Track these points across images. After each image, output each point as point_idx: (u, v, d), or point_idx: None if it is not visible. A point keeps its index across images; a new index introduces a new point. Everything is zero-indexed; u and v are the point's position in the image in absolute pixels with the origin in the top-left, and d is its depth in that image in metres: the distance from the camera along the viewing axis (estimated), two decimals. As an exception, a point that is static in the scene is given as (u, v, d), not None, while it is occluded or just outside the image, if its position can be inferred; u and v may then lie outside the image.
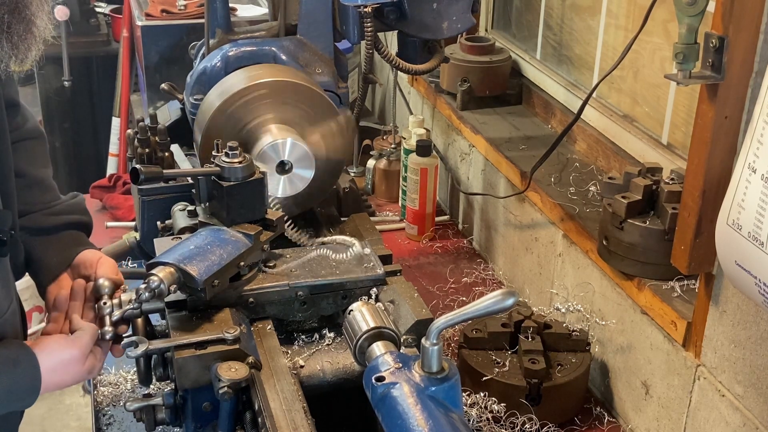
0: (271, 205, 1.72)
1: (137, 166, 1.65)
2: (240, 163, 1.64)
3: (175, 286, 1.49)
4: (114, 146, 4.58)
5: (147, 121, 2.10)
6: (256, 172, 1.66)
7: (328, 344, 1.64)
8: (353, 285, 1.65)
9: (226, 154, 1.64)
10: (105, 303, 1.55)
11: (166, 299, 1.53)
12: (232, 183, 1.63)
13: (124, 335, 1.55)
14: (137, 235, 2.12)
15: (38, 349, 1.44)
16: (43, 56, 1.39)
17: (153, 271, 1.48)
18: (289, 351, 1.61)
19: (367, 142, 2.99)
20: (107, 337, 1.52)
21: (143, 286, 1.46)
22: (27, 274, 1.67)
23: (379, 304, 1.52)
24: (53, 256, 1.64)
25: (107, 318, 1.54)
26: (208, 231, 1.62)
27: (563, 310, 1.99)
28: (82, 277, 1.63)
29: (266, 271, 1.65)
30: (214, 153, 1.67)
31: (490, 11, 2.97)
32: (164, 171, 1.68)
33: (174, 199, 1.91)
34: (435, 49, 2.06)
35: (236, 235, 1.61)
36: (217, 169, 1.64)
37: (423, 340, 1.16)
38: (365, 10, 1.87)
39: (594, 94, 2.13)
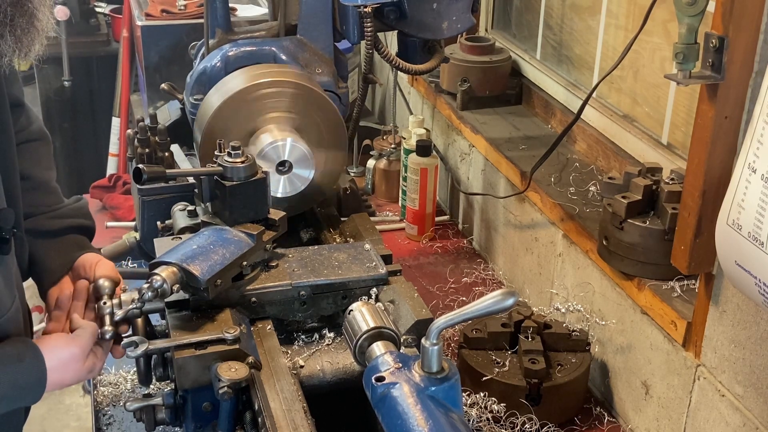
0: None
1: (140, 165, 1.65)
2: (242, 162, 1.64)
3: (177, 285, 1.49)
4: (114, 146, 4.58)
5: (147, 121, 2.10)
6: (258, 172, 1.66)
7: (328, 344, 1.64)
8: (355, 284, 1.65)
9: (229, 154, 1.64)
10: (105, 303, 1.55)
11: (169, 299, 1.53)
12: (234, 183, 1.64)
13: (124, 335, 1.55)
14: (137, 235, 2.12)
15: (40, 346, 1.44)
16: (45, 54, 1.39)
17: (156, 271, 1.48)
18: (289, 351, 1.61)
19: (367, 142, 2.99)
20: (107, 336, 1.52)
21: (146, 285, 1.46)
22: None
23: (379, 304, 1.52)
24: (55, 259, 1.64)
25: (107, 318, 1.54)
26: (210, 231, 1.62)
27: (563, 310, 1.99)
28: (82, 279, 1.63)
29: (268, 270, 1.65)
30: (216, 153, 1.67)
31: (490, 11, 2.97)
32: (167, 171, 1.68)
33: (174, 199, 1.91)
34: (435, 49, 2.06)
35: (239, 234, 1.61)
36: (220, 168, 1.64)
37: (423, 340, 1.16)
38: (365, 10, 1.87)
39: (594, 94, 2.13)
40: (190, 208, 1.83)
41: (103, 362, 1.54)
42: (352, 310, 1.38)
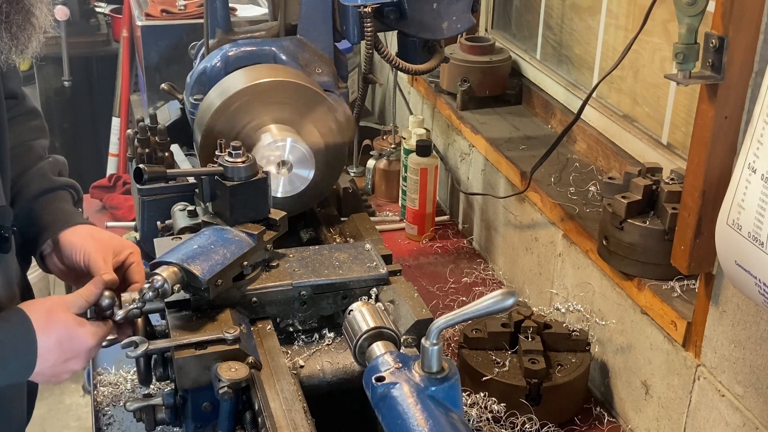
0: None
1: (141, 165, 1.65)
2: (243, 162, 1.64)
3: (178, 285, 1.49)
4: (114, 146, 4.58)
5: (147, 121, 2.10)
6: (259, 172, 1.66)
7: (328, 344, 1.64)
8: (356, 284, 1.65)
9: (230, 154, 1.64)
10: (106, 295, 1.54)
11: (169, 299, 1.53)
12: (235, 182, 1.64)
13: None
14: (137, 235, 2.11)
15: (23, 306, 1.40)
16: (43, 52, 1.38)
17: (156, 271, 1.48)
18: (289, 351, 1.61)
19: (367, 142, 2.99)
20: (117, 317, 1.52)
21: (147, 285, 1.45)
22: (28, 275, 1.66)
23: (379, 304, 1.52)
24: (47, 217, 1.60)
25: (107, 312, 1.54)
26: (211, 230, 1.62)
27: (563, 310, 1.99)
28: (71, 265, 1.58)
29: (269, 270, 1.65)
30: (217, 153, 1.67)
31: (490, 11, 2.97)
32: (168, 171, 1.68)
33: (174, 199, 1.91)
34: (435, 49, 2.06)
35: (240, 234, 1.62)
36: (221, 168, 1.64)
37: (423, 340, 1.16)
38: (365, 10, 1.87)
39: (594, 94, 2.13)
40: (190, 208, 1.83)
41: (100, 336, 1.47)
42: (352, 310, 1.38)
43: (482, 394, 1.80)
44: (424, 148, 2.55)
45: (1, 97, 1.47)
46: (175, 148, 2.18)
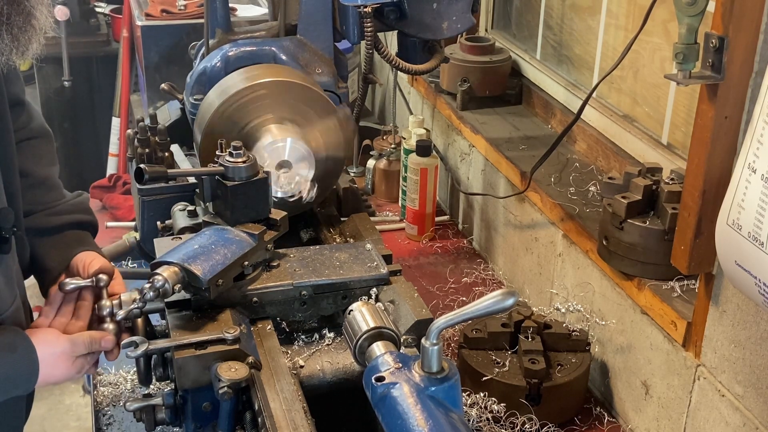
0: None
1: (142, 165, 1.65)
2: (244, 162, 1.64)
3: (179, 285, 1.49)
4: (114, 146, 4.58)
5: (147, 121, 2.10)
6: (259, 172, 1.66)
7: (328, 344, 1.64)
8: (356, 284, 1.65)
9: (230, 154, 1.64)
10: (105, 303, 1.55)
11: (169, 299, 1.53)
12: (236, 182, 1.64)
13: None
14: (137, 235, 2.11)
15: (32, 338, 1.44)
16: (43, 52, 1.38)
17: (157, 271, 1.48)
18: (289, 351, 1.61)
19: (367, 142, 2.99)
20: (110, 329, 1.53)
21: (148, 285, 1.46)
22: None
23: (379, 304, 1.52)
24: (54, 257, 1.64)
25: (108, 318, 1.54)
26: (212, 230, 1.62)
27: (563, 310, 1.99)
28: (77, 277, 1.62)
29: (270, 270, 1.65)
30: (217, 153, 1.67)
31: (490, 11, 2.97)
32: (168, 171, 1.68)
33: (174, 199, 1.91)
34: (435, 49, 2.06)
35: (240, 234, 1.61)
36: (221, 168, 1.64)
37: (423, 340, 1.16)
38: (365, 10, 1.87)
39: (594, 94, 2.13)
40: (190, 208, 1.83)
41: (92, 365, 1.54)
42: (352, 310, 1.38)
43: (482, 394, 1.80)
44: (424, 148, 2.55)
45: (5, 101, 1.48)
46: (175, 148, 2.18)
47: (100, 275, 1.58)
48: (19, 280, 1.57)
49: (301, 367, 1.58)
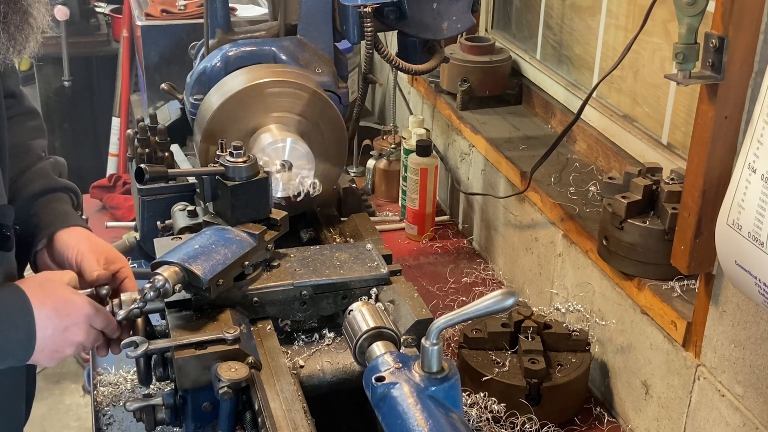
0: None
1: (142, 165, 1.65)
2: (244, 162, 1.64)
3: (179, 285, 1.49)
4: (114, 146, 4.58)
5: (147, 121, 2.10)
6: (260, 172, 1.67)
7: (328, 344, 1.64)
8: (357, 284, 1.65)
9: (231, 154, 1.64)
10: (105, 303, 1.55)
11: (170, 299, 1.53)
12: (236, 182, 1.64)
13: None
14: (137, 235, 2.12)
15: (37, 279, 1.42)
16: (41, 51, 1.38)
17: (158, 271, 1.48)
18: (289, 351, 1.61)
19: (367, 142, 2.99)
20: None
21: (148, 285, 1.45)
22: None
23: (379, 304, 1.52)
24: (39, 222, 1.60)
25: None
26: (212, 230, 1.62)
27: (563, 310, 1.99)
28: (62, 263, 1.59)
29: (270, 270, 1.65)
30: (218, 152, 1.67)
31: (490, 11, 2.97)
32: (169, 171, 1.68)
33: (174, 199, 1.91)
34: (435, 49, 2.06)
35: (241, 234, 1.61)
36: (222, 168, 1.64)
37: (423, 340, 1.16)
38: (365, 10, 1.87)
39: (594, 94, 2.14)
40: (190, 208, 1.83)
41: (103, 346, 1.52)
42: (352, 310, 1.38)
43: (482, 394, 1.80)
44: (424, 148, 2.55)
45: (0, 96, 1.47)
46: (175, 148, 2.18)
47: (101, 288, 1.55)
48: (19, 277, 1.57)
49: (301, 367, 1.58)
